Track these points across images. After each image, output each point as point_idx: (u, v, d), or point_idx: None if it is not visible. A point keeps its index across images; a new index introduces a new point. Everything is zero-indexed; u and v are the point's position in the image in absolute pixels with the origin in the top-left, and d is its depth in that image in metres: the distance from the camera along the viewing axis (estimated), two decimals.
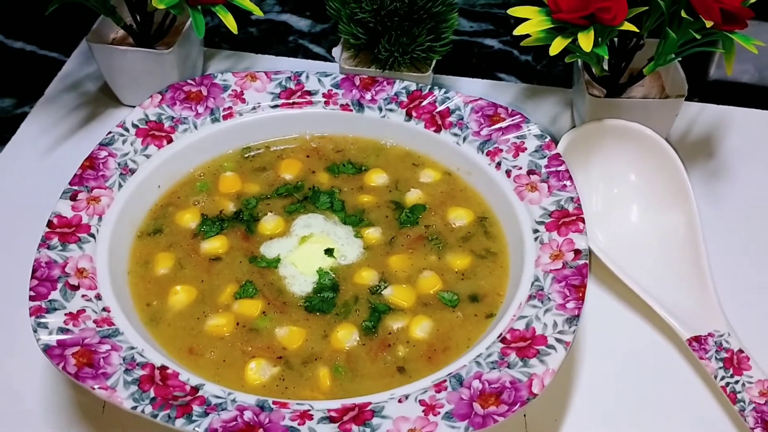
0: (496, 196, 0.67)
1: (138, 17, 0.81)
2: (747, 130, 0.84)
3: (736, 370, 0.62)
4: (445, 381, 0.54)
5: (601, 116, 0.75)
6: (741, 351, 0.63)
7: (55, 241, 0.61)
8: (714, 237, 0.71)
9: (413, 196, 0.69)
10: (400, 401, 0.53)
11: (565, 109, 0.86)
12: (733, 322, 0.64)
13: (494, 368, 0.54)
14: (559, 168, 0.66)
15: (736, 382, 0.61)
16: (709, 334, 0.64)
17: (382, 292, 0.63)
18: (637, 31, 0.67)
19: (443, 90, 0.73)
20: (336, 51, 0.80)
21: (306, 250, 0.65)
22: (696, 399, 0.63)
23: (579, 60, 0.75)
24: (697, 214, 0.70)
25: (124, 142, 0.69)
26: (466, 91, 0.75)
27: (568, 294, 0.58)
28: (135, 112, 0.71)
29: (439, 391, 0.53)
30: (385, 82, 0.73)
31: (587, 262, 0.60)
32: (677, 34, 0.68)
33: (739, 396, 0.60)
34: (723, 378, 0.62)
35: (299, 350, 0.59)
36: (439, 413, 0.51)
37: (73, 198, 0.64)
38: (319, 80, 0.74)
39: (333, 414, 0.52)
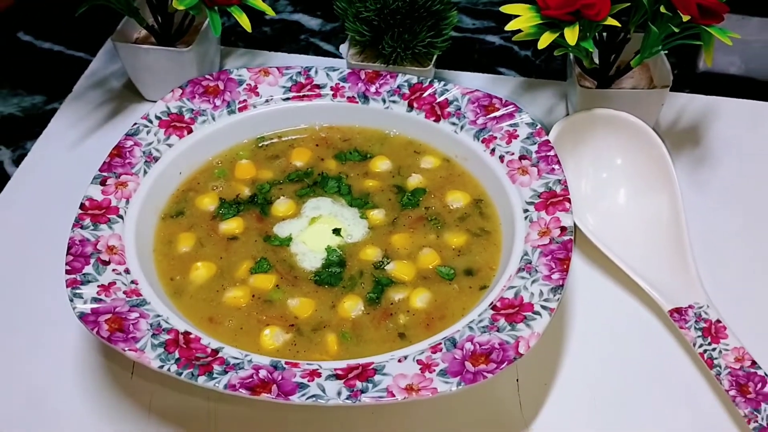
0: (491, 180, 0.72)
1: (159, 18, 0.87)
2: (733, 120, 0.88)
3: (714, 338, 0.66)
4: (440, 344, 0.59)
5: (592, 106, 0.79)
6: (719, 321, 0.67)
7: (87, 221, 0.67)
8: (696, 218, 0.76)
9: (414, 181, 0.74)
10: (399, 361, 0.58)
11: (560, 101, 0.91)
12: (711, 295, 0.69)
13: (485, 332, 0.59)
14: (549, 153, 0.71)
15: (714, 349, 0.66)
16: (689, 306, 0.69)
17: (385, 267, 0.68)
18: (619, 26, 0.72)
19: (442, 82, 0.78)
20: (343, 48, 0.86)
21: (315, 230, 0.70)
22: (676, 365, 0.67)
23: (571, 54, 0.80)
24: (680, 197, 0.75)
25: (148, 132, 0.74)
26: (467, 85, 0.80)
27: (554, 266, 0.63)
28: (158, 105, 0.77)
29: (434, 352, 0.58)
30: (388, 76, 0.79)
31: (572, 238, 0.65)
32: (659, 29, 0.73)
33: (715, 362, 0.65)
34: (701, 346, 0.66)
35: (309, 319, 0.64)
36: (434, 371, 0.57)
37: (103, 183, 0.70)
38: (327, 74, 0.79)
39: (339, 372, 0.57)
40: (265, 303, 0.66)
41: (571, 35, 0.69)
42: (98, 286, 0.62)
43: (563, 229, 0.65)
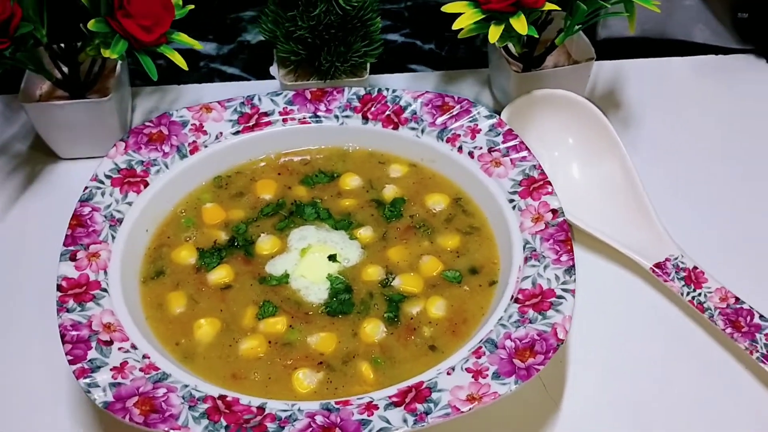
0: (465, 177, 0.73)
1: (67, 69, 0.80)
2: (641, 78, 0.94)
3: (696, 284, 0.71)
4: (480, 347, 0.59)
5: (526, 89, 0.82)
6: (696, 267, 0.72)
7: (71, 303, 0.61)
8: (645, 176, 0.80)
9: (390, 192, 0.74)
10: (448, 374, 0.58)
11: (483, 88, 0.93)
12: (681, 244, 0.74)
13: (519, 326, 0.60)
14: (515, 142, 0.73)
15: (699, 294, 0.71)
16: (666, 259, 0.73)
17: (392, 284, 0.67)
18: (560, 9, 0.75)
19: (391, 90, 0.78)
20: (273, 69, 0.83)
21: (310, 261, 0.68)
22: (668, 317, 0.71)
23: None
24: (629, 160, 0.79)
25: (103, 194, 0.69)
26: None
27: (559, 249, 0.65)
28: (104, 163, 0.71)
29: (479, 357, 0.58)
30: (334, 92, 0.77)
31: (565, 218, 0.67)
32: (587, 5, 0.76)
33: (705, 305, 0.70)
34: (688, 294, 0.71)
35: (335, 352, 0.63)
36: (487, 375, 0.57)
37: (73, 258, 0.64)
38: (272, 100, 0.77)
39: (395, 399, 0.56)
40: (285, 346, 0.63)
41: (520, 25, 0.71)
42: (111, 370, 0.57)
43: (554, 211, 0.67)
